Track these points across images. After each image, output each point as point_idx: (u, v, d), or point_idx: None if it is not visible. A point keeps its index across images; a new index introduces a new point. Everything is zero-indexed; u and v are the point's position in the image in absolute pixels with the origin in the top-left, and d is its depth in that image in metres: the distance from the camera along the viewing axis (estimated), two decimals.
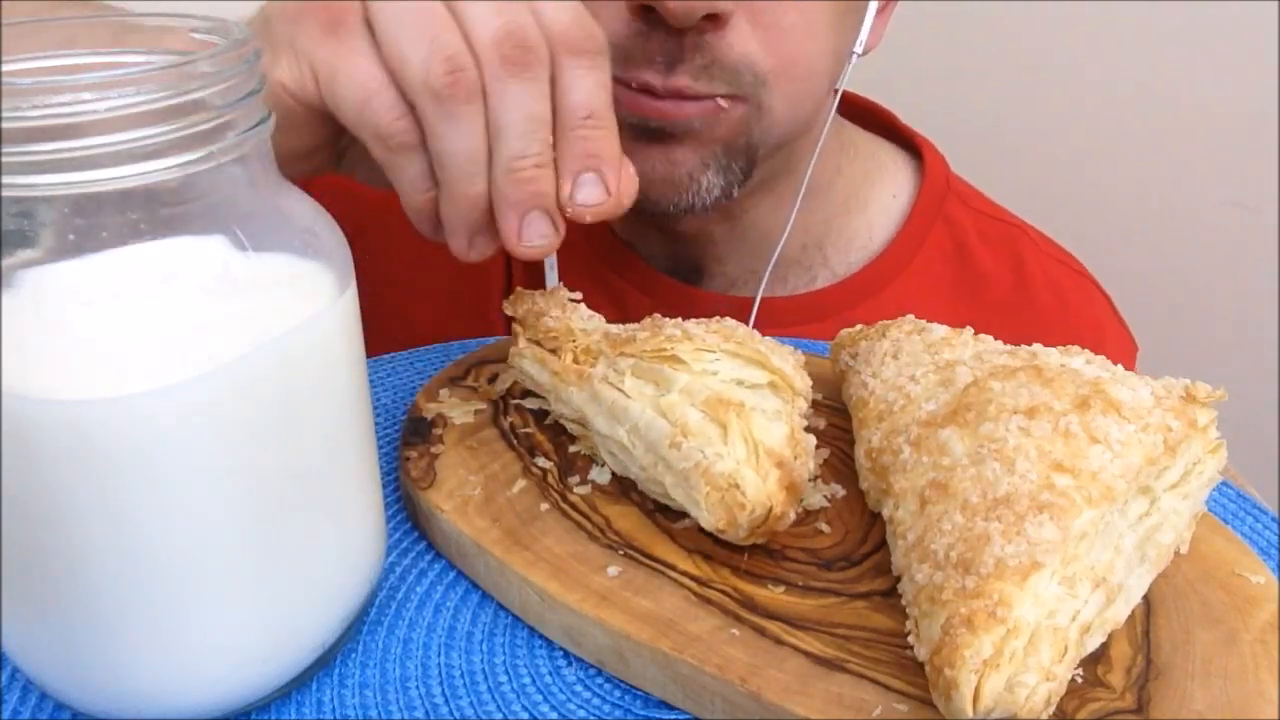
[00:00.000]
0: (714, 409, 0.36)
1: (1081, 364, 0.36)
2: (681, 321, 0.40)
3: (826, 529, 0.38)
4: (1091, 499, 0.31)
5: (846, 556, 0.37)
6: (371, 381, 0.45)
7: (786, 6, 0.51)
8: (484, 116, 0.36)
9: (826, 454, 0.42)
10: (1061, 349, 0.38)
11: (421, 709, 0.32)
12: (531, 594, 0.35)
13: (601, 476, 0.40)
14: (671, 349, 0.38)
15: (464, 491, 0.39)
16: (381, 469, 0.39)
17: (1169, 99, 1.14)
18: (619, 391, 0.38)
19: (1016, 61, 1.18)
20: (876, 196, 0.69)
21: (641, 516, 0.38)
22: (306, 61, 0.37)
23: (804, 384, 0.39)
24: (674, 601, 0.34)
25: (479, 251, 0.39)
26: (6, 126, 0.24)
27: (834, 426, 0.44)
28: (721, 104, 0.52)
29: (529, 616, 0.35)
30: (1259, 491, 0.43)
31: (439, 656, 0.34)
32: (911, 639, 0.31)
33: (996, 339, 0.41)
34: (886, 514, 0.35)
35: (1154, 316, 0.85)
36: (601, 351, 0.40)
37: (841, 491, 0.40)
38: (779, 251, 0.63)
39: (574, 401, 0.40)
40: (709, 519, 0.35)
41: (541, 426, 0.43)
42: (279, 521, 0.30)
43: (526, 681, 0.34)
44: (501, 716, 0.32)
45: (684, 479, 0.35)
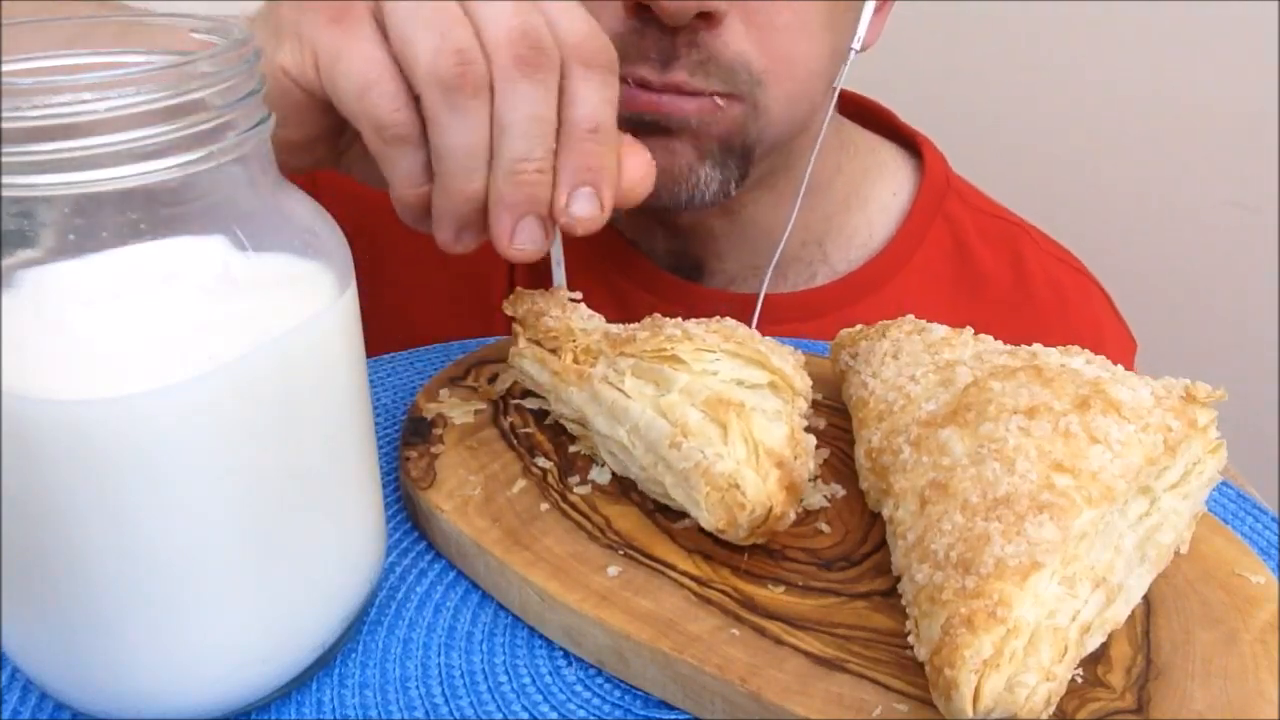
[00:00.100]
0: (714, 409, 0.36)
1: (1081, 364, 0.36)
2: (681, 321, 0.40)
3: (826, 529, 0.38)
4: (1091, 499, 0.31)
5: (846, 556, 0.37)
6: (371, 381, 0.45)
7: (780, 6, 0.51)
8: (489, 113, 0.36)
9: (826, 454, 0.42)
10: (1061, 349, 0.38)
11: (421, 709, 0.32)
12: (531, 594, 0.35)
13: (601, 476, 0.40)
14: (671, 349, 0.38)
15: (464, 491, 0.39)
16: (381, 469, 0.39)
17: (1169, 99, 1.14)
18: (619, 391, 0.38)
19: (1017, 61, 1.18)
20: (876, 194, 0.69)
21: (641, 516, 0.38)
22: (310, 46, 0.37)
23: (804, 384, 0.39)
24: (674, 601, 0.34)
25: (464, 245, 0.39)
26: (6, 126, 0.24)
27: (834, 426, 0.44)
28: (719, 102, 0.52)
29: (529, 616, 0.35)
30: (1259, 491, 0.43)
31: (439, 656, 0.34)
32: (911, 639, 0.31)
33: (996, 336, 0.41)
34: (886, 514, 0.35)
35: (1154, 317, 0.85)
36: (601, 351, 0.40)
37: (841, 491, 0.40)
38: (780, 249, 0.63)
39: (574, 401, 0.40)
40: (709, 519, 0.35)
41: (541, 426, 0.43)
42: (279, 521, 0.30)
43: (526, 681, 0.34)
44: (501, 716, 0.32)
45: (684, 479, 0.35)
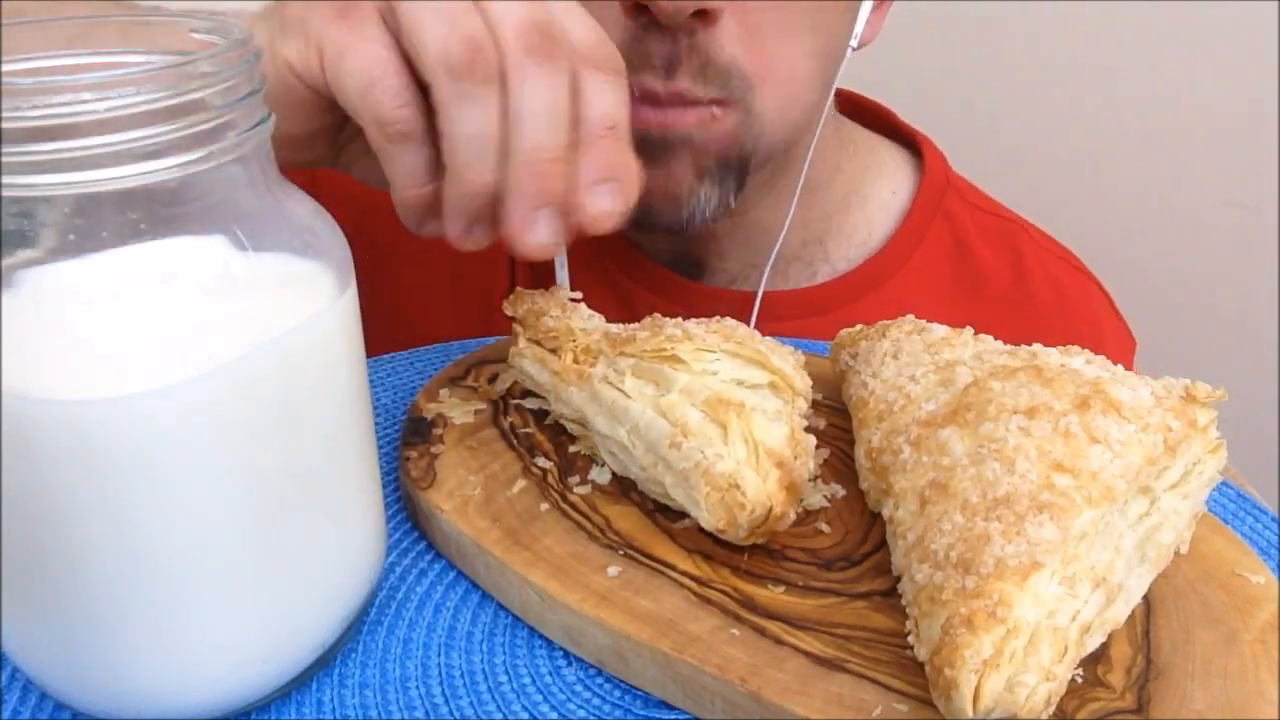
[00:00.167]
0: (714, 409, 0.36)
1: (1081, 364, 0.36)
2: (682, 321, 0.40)
3: (826, 529, 0.38)
4: (1091, 499, 0.31)
5: (846, 556, 0.37)
6: (371, 381, 0.45)
7: (769, 5, 0.51)
8: (501, 102, 0.35)
9: (826, 454, 0.42)
10: (1061, 349, 0.38)
11: (421, 709, 0.32)
12: (531, 594, 0.35)
13: (601, 476, 0.40)
14: (672, 349, 0.38)
15: (464, 491, 0.39)
16: (381, 469, 0.39)
17: (1169, 99, 1.14)
18: (619, 391, 0.38)
19: (1016, 61, 1.18)
20: (876, 193, 0.69)
21: (641, 516, 0.38)
22: (315, 42, 0.36)
23: (804, 384, 0.39)
24: (674, 601, 0.34)
25: (475, 241, 0.38)
26: (6, 126, 0.24)
27: (834, 426, 0.44)
28: (715, 112, 0.52)
29: (529, 616, 0.35)
30: (1259, 491, 0.43)
31: (439, 656, 0.34)
32: (911, 639, 0.31)
33: (996, 334, 0.41)
34: (886, 514, 0.35)
35: (1154, 317, 0.85)
36: (601, 351, 0.40)
37: (841, 491, 0.40)
38: (781, 247, 0.63)
39: (574, 401, 0.40)
40: (709, 519, 0.35)
41: (541, 426, 0.43)
42: (279, 521, 0.30)
43: (526, 681, 0.34)
44: (501, 716, 0.32)
45: (684, 479, 0.35)
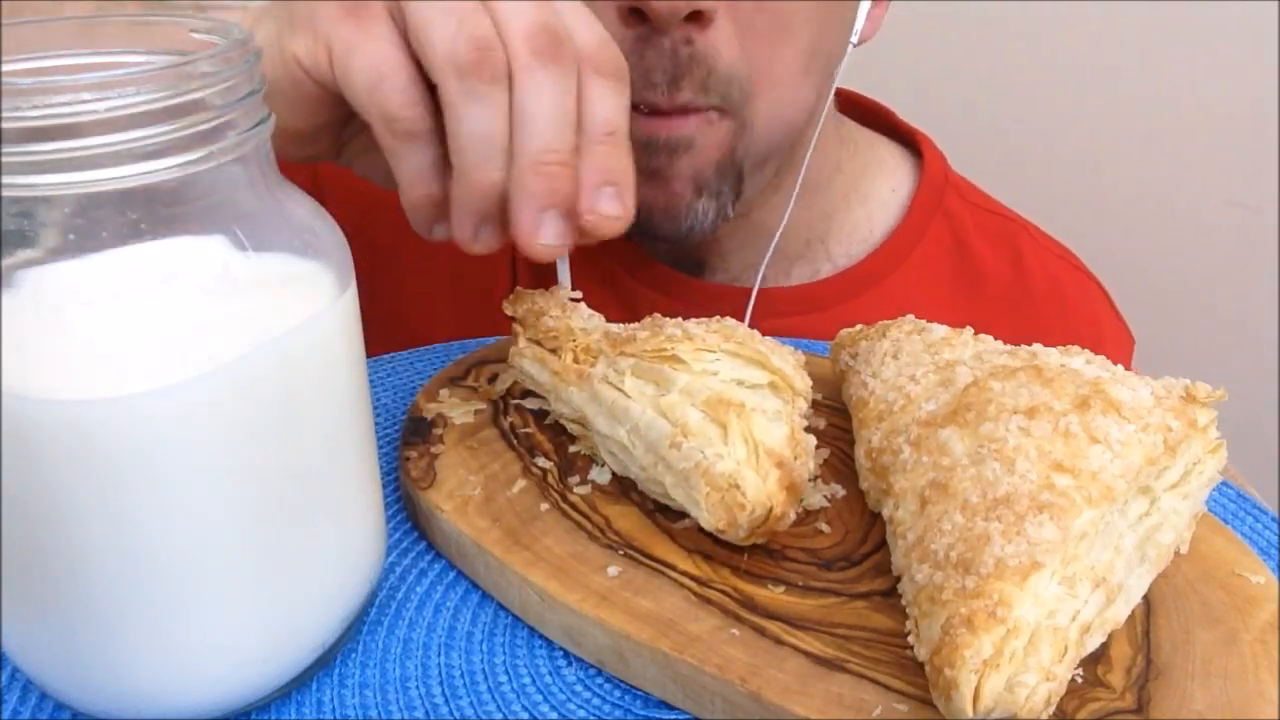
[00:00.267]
0: (714, 409, 0.36)
1: (1081, 364, 0.36)
2: (682, 321, 0.40)
3: (826, 529, 0.38)
4: (1091, 499, 0.31)
5: (846, 556, 0.37)
6: (371, 381, 0.45)
7: (762, 7, 0.51)
8: (508, 102, 0.35)
9: (826, 454, 0.42)
10: (1061, 349, 0.38)
11: (421, 709, 0.32)
12: (531, 594, 0.35)
13: (601, 476, 0.40)
14: (672, 349, 0.38)
15: (464, 491, 0.39)
16: (381, 469, 0.39)
17: (1169, 99, 1.14)
18: (619, 391, 0.38)
19: (1016, 60, 1.19)
20: (876, 191, 0.70)
21: (641, 516, 0.38)
22: (324, 38, 0.36)
23: (804, 384, 0.39)
24: (674, 601, 0.34)
25: (484, 244, 0.38)
26: (6, 126, 0.24)
27: (834, 426, 0.44)
28: (712, 116, 0.52)
29: (529, 616, 0.35)
30: (1259, 491, 0.43)
31: (439, 656, 0.34)
32: (911, 639, 0.31)
33: (995, 331, 0.41)
34: (886, 514, 0.35)
35: (1154, 316, 0.85)
36: (601, 351, 0.40)
37: (841, 491, 0.40)
38: (781, 245, 0.63)
39: (574, 401, 0.40)
40: (709, 519, 0.35)
41: (541, 426, 0.43)
42: (279, 521, 0.30)
43: (526, 681, 0.34)
44: (501, 716, 0.32)
45: (684, 479, 0.35)
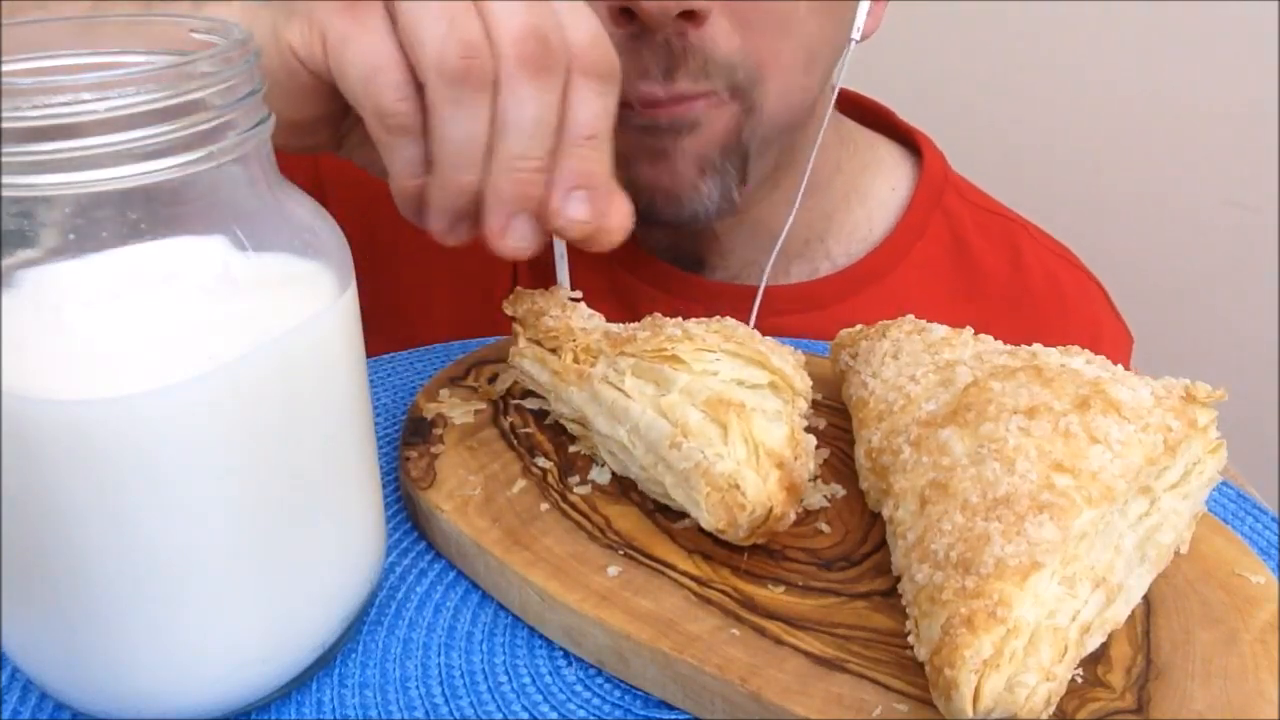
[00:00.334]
0: (714, 409, 0.36)
1: (1081, 364, 0.36)
2: (682, 321, 0.40)
3: (826, 529, 0.38)
4: (1091, 499, 0.31)
5: (846, 556, 0.37)
6: (371, 381, 0.45)
7: (758, 5, 0.51)
8: (490, 108, 0.36)
9: (826, 454, 0.42)
10: (1061, 349, 0.38)
11: (421, 709, 0.32)
12: (531, 594, 0.35)
13: (601, 476, 0.40)
14: (672, 349, 0.38)
15: (464, 491, 0.39)
16: (381, 469, 0.39)
17: (1169, 98, 1.14)
18: (619, 391, 0.38)
19: (1016, 60, 1.18)
20: (875, 189, 0.70)
21: (641, 516, 0.38)
22: (319, 29, 0.36)
23: (804, 384, 0.39)
24: (674, 601, 0.34)
25: (457, 237, 0.39)
26: (6, 126, 0.24)
27: (834, 426, 0.44)
28: (722, 97, 0.53)
29: (529, 616, 0.35)
30: (1259, 491, 0.43)
31: (439, 656, 0.34)
32: (911, 639, 0.31)
33: (994, 330, 0.41)
34: (886, 514, 0.35)
35: (1154, 316, 0.85)
36: (601, 351, 0.40)
37: (841, 491, 0.40)
38: (784, 247, 0.63)
39: (574, 401, 0.40)
40: (709, 519, 0.35)
41: (541, 426, 0.43)
42: (279, 521, 0.30)
43: (526, 681, 0.34)
44: (501, 716, 0.32)
45: (684, 479, 0.35)
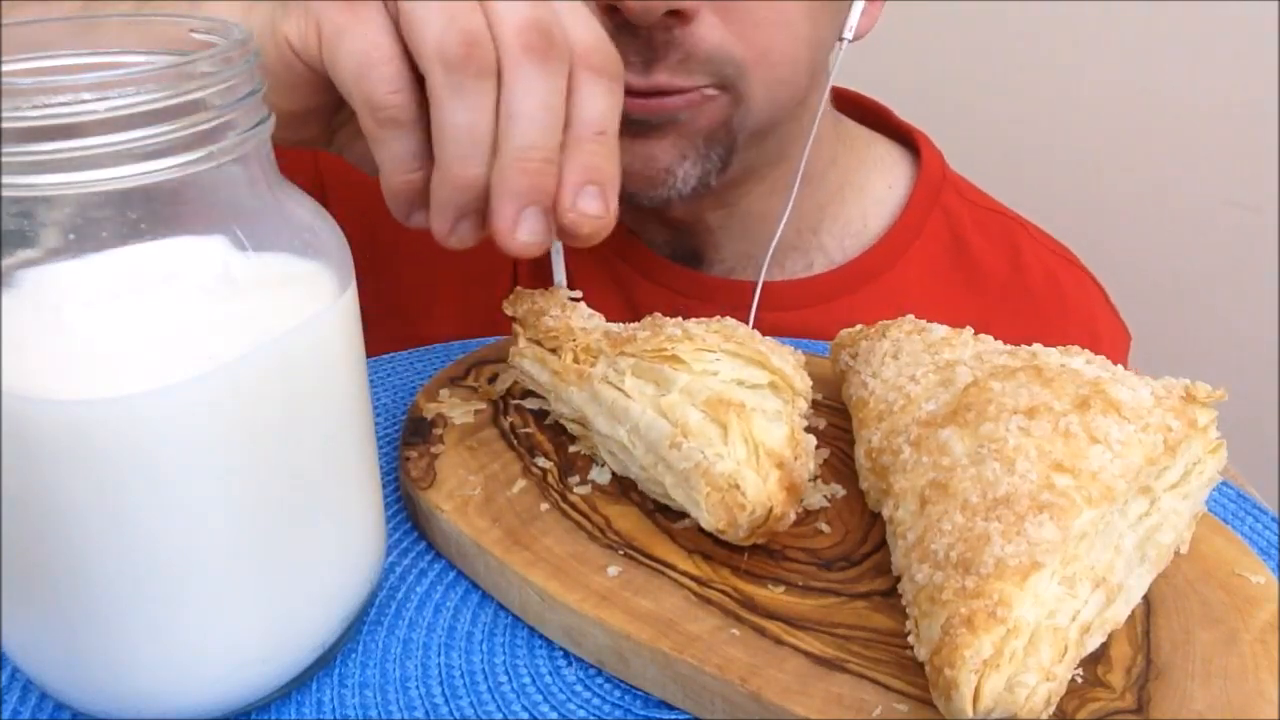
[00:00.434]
0: (714, 409, 0.36)
1: (1081, 364, 0.36)
2: (682, 321, 0.40)
3: (826, 529, 0.38)
4: (1091, 499, 0.31)
5: (846, 556, 0.37)
6: (371, 381, 0.45)
7: (748, 6, 0.51)
8: (494, 98, 0.35)
9: (826, 454, 0.42)
10: (1061, 349, 0.38)
11: (421, 709, 0.32)
12: (531, 594, 0.35)
13: (601, 476, 0.40)
14: (672, 349, 0.38)
15: (464, 491, 0.39)
16: (381, 469, 0.39)
17: (1169, 98, 1.14)
18: (619, 391, 0.38)
19: (1016, 60, 1.18)
20: (872, 186, 0.70)
21: (641, 516, 0.38)
22: (315, 21, 0.36)
23: (804, 384, 0.39)
24: (674, 601, 0.34)
25: (459, 238, 0.38)
26: (6, 126, 0.24)
27: (834, 426, 0.44)
28: (707, 93, 0.52)
29: (529, 616, 0.35)
30: (1259, 491, 0.43)
31: (439, 656, 0.34)
32: (911, 639, 0.31)
33: (993, 328, 0.41)
34: (886, 514, 0.35)
35: (1154, 316, 0.85)
36: (601, 351, 0.40)
37: (841, 491, 0.40)
38: (777, 238, 0.63)
39: (574, 401, 0.40)
40: (709, 519, 0.35)
41: (541, 426, 0.43)
42: (279, 521, 0.30)
43: (526, 681, 0.34)
44: (501, 716, 0.32)
45: (684, 479, 0.35)
